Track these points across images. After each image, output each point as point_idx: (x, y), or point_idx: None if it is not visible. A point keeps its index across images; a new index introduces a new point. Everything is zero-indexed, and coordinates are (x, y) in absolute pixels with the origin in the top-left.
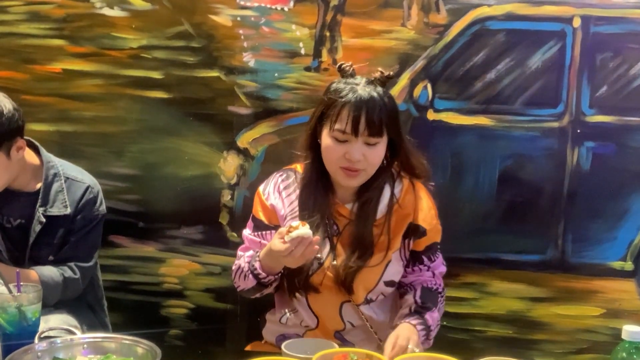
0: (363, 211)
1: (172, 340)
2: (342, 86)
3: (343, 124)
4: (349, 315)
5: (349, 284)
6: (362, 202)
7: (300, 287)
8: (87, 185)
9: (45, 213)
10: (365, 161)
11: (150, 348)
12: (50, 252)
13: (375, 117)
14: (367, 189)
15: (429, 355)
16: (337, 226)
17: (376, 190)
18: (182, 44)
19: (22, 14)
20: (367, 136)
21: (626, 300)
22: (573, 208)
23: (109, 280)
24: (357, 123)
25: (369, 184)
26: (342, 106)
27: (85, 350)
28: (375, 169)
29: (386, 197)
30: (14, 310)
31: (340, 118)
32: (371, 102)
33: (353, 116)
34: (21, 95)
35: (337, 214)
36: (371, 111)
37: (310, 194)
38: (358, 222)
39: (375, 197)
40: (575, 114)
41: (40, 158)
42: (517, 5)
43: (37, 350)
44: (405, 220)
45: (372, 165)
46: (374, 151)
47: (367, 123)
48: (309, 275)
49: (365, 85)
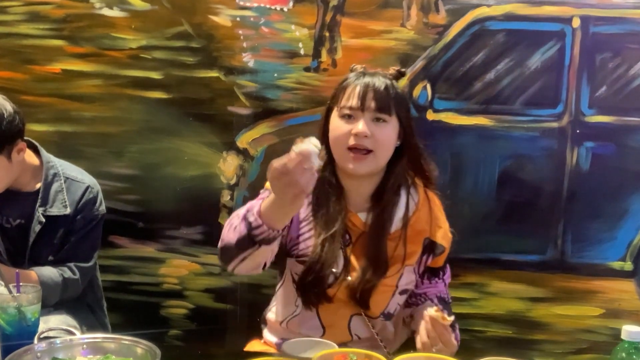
0: (378, 223)
1: (172, 341)
2: (352, 74)
3: (351, 100)
4: (358, 328)
5: (365, 301)
6: (377, 213)
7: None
8: (86, 186)
9: (45, 213)
10: (374, 140)
11: (150, 348)
12: (50, 253)
13: (383, 92)
14: (381, 195)
15: (429, 356)
16: (350, 236)
17: (391, 196)
18: (182, 44)
19: (21, 14)
20: (374, 111)
21: (626, 301)
22: (573, 208)
23: (108, 280)
24: (365, 96)
25: (383, 189)
26: (350, 85)
27: (84, 351)
28: (386, 154)
29: (401, 209)
30: (13, 310)
31: (348, 95)
32: (379, 80)
33: (360, 90)
34: (21, 96)
35: (350, 224)
36: (379, 87)
37: (323, 201)
38: (373, 235)
39: (390, 206)
40: (575, 114)
41: (40, 158)
42: (516, 5)
43: (36, 350)
44: (421, 235)
45: (381, 147)
46: (383, 130)
47: (375, 97)
48: (325, 287)
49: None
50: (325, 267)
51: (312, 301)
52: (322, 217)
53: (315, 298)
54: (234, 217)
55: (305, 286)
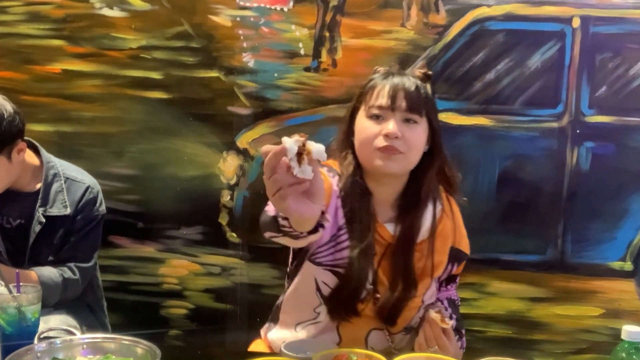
0: (408, 236)
1: (172, 341)
2: (377, 74)
3: (380, 99)
4: (375, 341)
5: (393, 319)
6: (408, 226)
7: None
8: (87, 186)
9: (45, 213)
10: (404, 141)
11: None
12: (50, 253)
13: (414, 91)
14: (410, 204)
15: (429, 356)
16: (375, 248)
17: (422, 207)
18: (182, 44)
19: (21, 14)
20: (405, 110)
21: (626, 301)
22: (573, 208)
23: (108, 280)
24: (395, 95)
25: (411, 198)
26: (379, 84)
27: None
28: (416, 158)
29: (428, 218)
30: (13, 310)
31: (377, 94)
32: (410, 80)
33: (390, 89)
34: (21, 96)
35: (377, 235)
36: (410, 86)
37: (355, 209)
38: (402, 250)
39: (420, 218)
40: (575, 114)
41: (40, 158)
42: (516, 5)
43: (36, 350)
44: (446, 244)
45: (412, 149)
46: (414, 131)
47: (406, 96)
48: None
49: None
50: (361, 283)
51: (341, 316)
52: (355, 227)
53: (345, 313)
54: None
55: (337, 301)
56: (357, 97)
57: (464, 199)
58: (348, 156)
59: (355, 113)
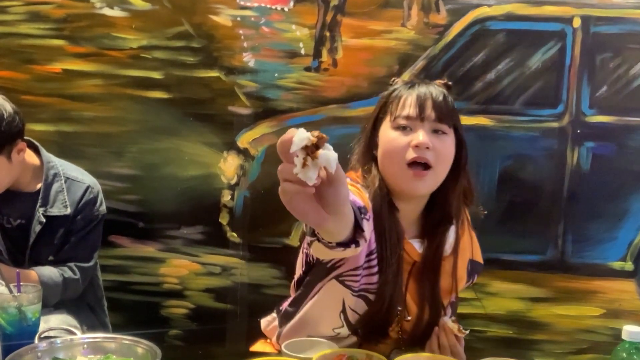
0: (436, 255)
1: (172, 341)
2: (399, 84)
3: (407, 109)
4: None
5: (423, 342)
6: (437, 245)
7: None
8: (87, 186)
9: (45, 213)
10: (435, 152)
11: (150, 348)
12: (50, 253)
13: (442, 101)
14: (436, 221)
15: (429, 356)
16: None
17: (448, 224)
18: (182, 44)
19: (22, 14)
20: (434, 121)
21: (626, 301)
22: (573, 208)
23: (109, 280)
24: (423, 105)
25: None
26: (405, 93)
27: (85, 351)
28: (445, 171)
29: (452, 234)
30: (14, 310)
31: (404, 104)
32: (436, 89)
33: (418, 98)
34: (21, 96)
35: (404, 253)
36: (437, 95)
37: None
38: (429, 268)
39: (446, 236)
40: (575, 114)
41: (41, 158)
42: (517, 5)
43: (37, 350)
44: (465, 258)
45: (441, 162)
46: (443, 142)
47: (434, 106)
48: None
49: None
50: (393, 306)
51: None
52: (384, 246)
53: (375, 338)
54: None
55: (368, 327)
56: (381, 107)
57: (482, 210)
58: (372, 170)
59: (378, 124)
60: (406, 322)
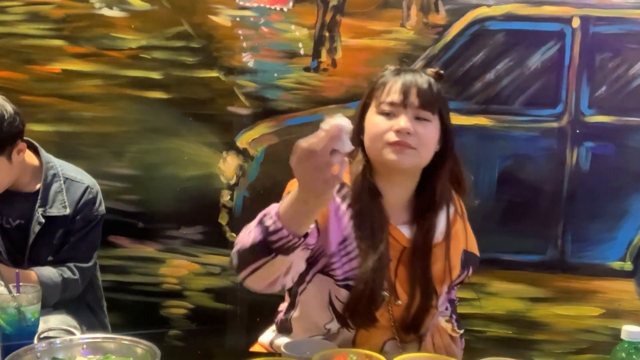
0: (426, 240)
1: (172, 341)
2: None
3: (392, 95)
4: (390, 353)
5: (417, 327)
6: (426, 229)
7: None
8: (86, 186)
9: (45, 213)
10: (417, 138)
11: (150, 348)
12: (50, 253)
13: (427, 89)
14: (425, 206)
15: (429, 356)
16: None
17: (437, 209)
18: (182, 44)
19: (21, 14)
20: (417, 107)
21: (626, 301)
22: (573, 208)
23: (108, 280)
24: (407, 92)
25: (426, 200)
26: (391, 80)
27: (84, 351)
28: (428, 155)
29: (442, 220)
30: (13, 310)
31: (388, 90)
32: (422, 77)
33: (403, 85)
34: (21, 96)
35: (391, 239)
36: (422, 83)
37: (365, 212)
38: (419, 254)
39: (436, 220)
40: (575, 114)
41: (40, 159)
42: (516, 5)
43: (36, 350)
44: (460, 247)
45: (424, 145)
46: (426, 129)
47: (418, 93)
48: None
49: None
50: (376, 290)
51: (357, 325)
52: (365, 232)
53: (362, 322)
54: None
55: (352, 313)
56: (368, 93)
57: (476, 201)
58: (358, 154)
59: (365, 110)
60: (396, 307)
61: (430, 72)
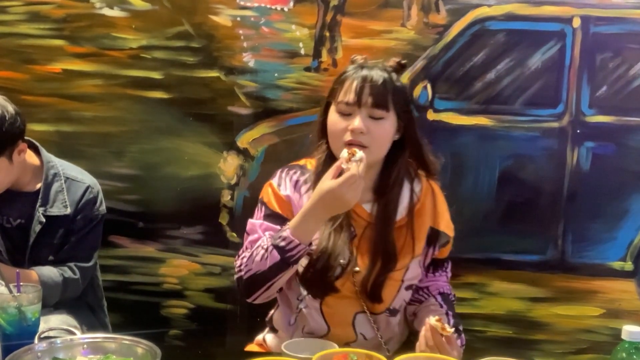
0: (385, 214)
1: (172, 341)
2: (351, 67)
3: (347, 95)
4: (362, 327)
5: (377, 295)
6: (384, 204)
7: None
8: (87, 186)
9: (45, 213)
10: (370, 136)
11: (150, 348)
12: (50, 252)
13: (380, 87)
14: (385, 186)
15: (429, 356)
16: (354, 228)
17: (396, 188)
18: (182, 44)
19: (22, 14)
20: (370, 107)
21: (626, 301)
22: (573, 208)
23: (108, 280)
24: (361, 92)
25: (387, 181)
26: (348, 79)
27: (85, 351)
28: (382, 150)
29: (406, 197)
30: (13, 310)
31: (345, 90)
32: (377, 75)
33: (357, 86)
34: (21, 96)
35: (355, 215)
36: (376, 81)
37: None
38: (380, 226)
39: (395, 197)
40: (575, 114)
41: (40, 158)
42: (517, 5)
43: (36, 350)
44: (426, 224)
45: (377, 143)
46: (379, 126)
47: (372, 92)
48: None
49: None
50: (332, 258)
51: (317, 292)
52: None
53: (322, 289)
54: (258, 249)
55: (311, 278)
56: (330, 91)
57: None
58: (322, 145)
59: (328, 107)
60: (357, 274)
61: (393, 62)
